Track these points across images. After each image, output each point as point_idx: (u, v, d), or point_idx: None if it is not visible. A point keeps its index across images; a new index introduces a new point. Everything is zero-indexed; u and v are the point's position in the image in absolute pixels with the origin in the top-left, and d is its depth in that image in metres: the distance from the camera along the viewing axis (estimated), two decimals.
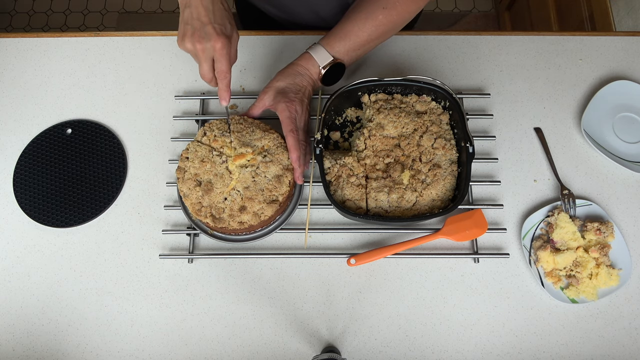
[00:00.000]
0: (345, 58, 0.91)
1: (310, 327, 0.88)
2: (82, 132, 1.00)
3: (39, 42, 1.09)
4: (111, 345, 0.87)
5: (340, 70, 0.92)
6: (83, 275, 0.91)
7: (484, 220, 0.89)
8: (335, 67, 0.91)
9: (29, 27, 2.42)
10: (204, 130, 0.89)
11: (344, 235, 0.93)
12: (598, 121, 1.00)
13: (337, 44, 0.90)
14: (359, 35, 0.89)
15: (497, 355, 0.86)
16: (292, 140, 0.85)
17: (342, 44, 0.90)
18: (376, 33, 0.90)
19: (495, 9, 2.40)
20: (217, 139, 0.87)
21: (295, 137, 0.85)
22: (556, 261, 0.88)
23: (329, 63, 0.88)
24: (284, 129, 0.86)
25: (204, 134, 0.89)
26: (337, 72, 0.93)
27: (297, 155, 0.85)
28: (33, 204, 0.95)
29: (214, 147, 0.88)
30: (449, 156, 0.91)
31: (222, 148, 0.87)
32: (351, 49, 0.90)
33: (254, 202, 0.84)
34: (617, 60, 1.06)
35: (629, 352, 0.86)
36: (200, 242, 0.93)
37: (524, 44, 1.07)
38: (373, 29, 0.89)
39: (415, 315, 0.88)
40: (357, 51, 0.91)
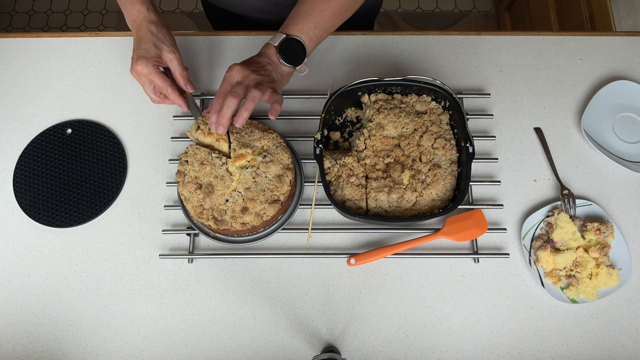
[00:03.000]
0: (303, 37, 0.88)
1: (310, 327, 0.88)
2: (82, 132, 1.00)
3: (39, 42, 1.09)
4: (111, 345, 0.87)
5: (297, 46, 0.88)
6: (83, 275, 0.91)
7: (484, 220, 0.89)
8: (291, 44, 0.88)
9: (29, 27, 2.42)
10: (197, 124, 0.89)
11: (344, 235, 0.93)
12: (598, 121, 1.00)
13: (292, 25, 0.89)
14: (312, 13, 0.88)
15: (497, 355, 0.86)
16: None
17: (296, 22, 0.89)
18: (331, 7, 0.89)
19: (495, 9, 2.40)
20: (212, 133, 0.87)
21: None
22: (556, 261, 0.88)
23: (281, 40, 0.87)
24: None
25: (197, 127, 0.88)
26: (296, 49, 0.88)
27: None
28: (33, 204, 0.95)
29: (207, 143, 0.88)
30: (449, 156, 0.91)
31: (217, 142, 0.88)
32: (307, 27, 0.88)
33: (255, 203, 0.84)
34: (617, 60, 1.06)
35: (629, 352, 0.86)
36: (200, 242, 0.93)
37: (524, 44, 1.07)
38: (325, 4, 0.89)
39: (415, 315, 0.88)
40: (315, 30, 0.89)
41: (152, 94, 0.89)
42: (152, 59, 0.84)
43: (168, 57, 0.86)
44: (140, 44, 0.86)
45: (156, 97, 0.90)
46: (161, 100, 0.90)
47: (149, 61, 0.84)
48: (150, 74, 0.84)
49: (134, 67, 0.86)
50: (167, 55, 0.86)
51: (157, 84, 0.86)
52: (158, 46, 0.86)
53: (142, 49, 0.85)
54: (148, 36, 0.86)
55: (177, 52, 0.87)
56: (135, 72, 0.86)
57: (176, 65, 0.87)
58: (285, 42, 0.88)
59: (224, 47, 1.08)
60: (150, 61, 0.84)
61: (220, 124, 0.82)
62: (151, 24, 0.87)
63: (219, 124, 0.82)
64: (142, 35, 0.87)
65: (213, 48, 1.07)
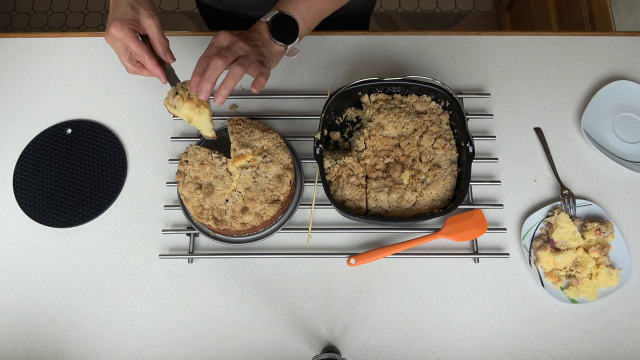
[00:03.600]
0: (296, 15, 0.84)
1: (310, 327, 0.88)
2: (82, 132, 1.00)
3: (39, 42, 1.09)
4: (111, 345, 0.87)
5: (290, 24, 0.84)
6: (83, 275, 0.91)
7: (484, 220, 0.89)
8: (282, 20, 0.84)
9: (29, 27, 2.42)
10: (176, 90, 0.80)
11: (344, 235, 0.93)
12: (598, 121, 1.00)
13: (285, 3, 0.85)
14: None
15: (497, 355, 0.86)
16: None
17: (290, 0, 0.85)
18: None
19: (495, 9, 2.40)
20: (191, 98, 0.79)
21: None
22: (556, 261, 0.88)
23: (273, 16, 0.83)
24: None
25: (175, 93, 0.80)
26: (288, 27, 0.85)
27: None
28: (33, 204, 0.95)
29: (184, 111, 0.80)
30: (449, 156, 0.91)
31: (197, 107, 0.79)
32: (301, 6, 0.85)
33: (255, 203, 0.84)
34: (617, 60, 1.06)
35: (629, 352, 0.86)
36: (200, 242, 0.93)
37: (524, 44, 1.07)
38: None
39: (415, 315, 0.88)
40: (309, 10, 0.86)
41: (127, 62, 0.80)
42: (129, 21, 0.76)
43: (146, 22, 0.78)
44: (117, 6, 0.78)
45: (132, 65, 0.80)
46: (137, 70, 0.81)
47: (125, 24, 0.75)
48: (125, 38, 0.75)
49: (108, 30, 0.76)
50: (145, 20, 0.78)
51: (133, 49, 0.76)
52: (135, 9, 0.77)
53: (118, 11, 0.77)
54: (127, 2, 0.78)
55: (157, 18, 0.79)
56: (109, 36, 0.77)
57: (155, 32, 0.78)
58: (278, 19, 0.83)
59: None
60: (125, 24, 0.75)
61: (203, 88, 0.75)
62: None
63: (201, 87, 0.75)
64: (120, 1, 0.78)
65: None
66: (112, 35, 0.76)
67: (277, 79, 1.04)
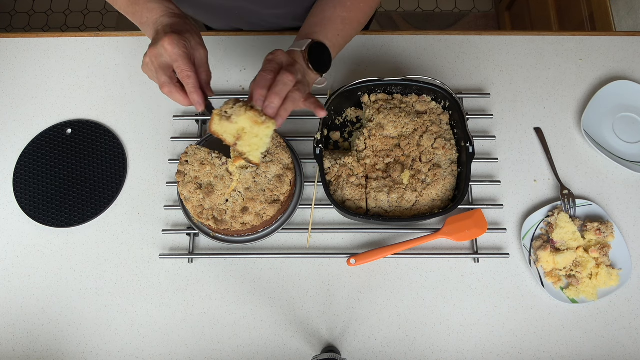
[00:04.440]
0: (328, 43, 0.82)
1: (310, 327, 0.88)
2: (82, 132, 1.00)
3: (39, 42, 1.09)
4: (111, 345, 0.87)
5: (322, 50, 0.82)
6: (83, 275, 0.91)
7: (484, 220, 0.89)
8: (317, 48, 0.81)
9: (29, 27, 2.42)
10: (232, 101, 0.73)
11: (344, 235, 0.93)
12: (598, 121, 1.00)
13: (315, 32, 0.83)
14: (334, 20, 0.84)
15: (497, 355, 0.86)
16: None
17: (320, 29, 0.83)
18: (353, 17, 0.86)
19: (495, 9, 2.40)
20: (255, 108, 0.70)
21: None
22: (556, 261, 0.88)
23: (308, 45, 0.79)
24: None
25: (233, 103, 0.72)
26: (322, 54, 0.82)
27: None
28: (33, 204, 0.95)
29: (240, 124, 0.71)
30: (449, 156, 0.91)
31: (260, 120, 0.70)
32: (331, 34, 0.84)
33: (255, 203, 0.84)
34: (617, 60, 1.06)
35: (629, 352, 0.86)
36: (200, 242, 0.93)
37: (524, 44, 1.07)
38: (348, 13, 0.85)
39: (415, 315, 0.88)
40: (338, 37, 0.85)
41: (165, 76, 0.71)
42: (184, 38, 0.70)
43: (200, 50, 0.73)
44: (172, 26, 0.72)
45: (169, 80, 0.72)
46: (173, 90, 0.72)
47: (182, 39, 0.69)
48: (177, 53, 0.69)
49: (160, 42, 0.69)
50: (196, 45, 0.72)
51: (181, 66, 0.69)
52: (191, 34, 0.72)
53: (171, 26, 0.71)
54: (182, 23, 0.73)
55: (206, 50, 0.74)
56: (158, 49, 0.69)
57: (204, 60, 0.73)
58: (313, 47, 0.79)
59: (222, 47, 1.08)
60: (182, 39, 0.69)
61: (273, 102, 0.69)
62: (182, 16, 0.75)
63: (271, 101, 0.69)
64: (173, 22, 0.73)
65: (212, 49, 1.07)
66: (164, 47, 0.69)
67: None
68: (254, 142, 0.72)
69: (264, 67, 0.73)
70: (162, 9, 0.75)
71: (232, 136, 0.72)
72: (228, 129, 0.71)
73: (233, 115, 0.70)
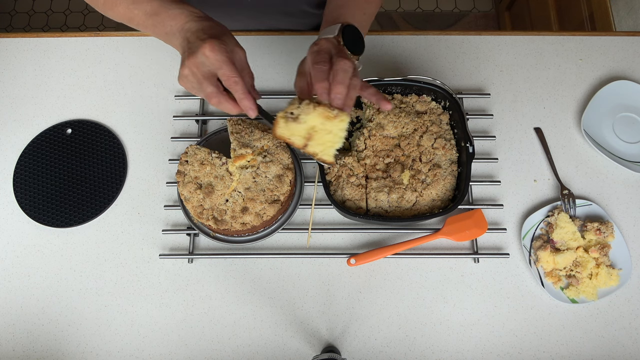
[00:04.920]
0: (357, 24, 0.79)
1: (310, 327, 0.88)
2: (82, 132, 1.00)
3: (39, 42, 1.09)
4: (111, 345, 0.87)
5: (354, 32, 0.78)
6: (83, 275, 0.91)
7: (484, 220, 0.89)
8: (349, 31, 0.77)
9: (29, 27, 2.42)
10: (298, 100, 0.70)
11: (344, 235, 0.93)
12: (598, 121, 1.00)
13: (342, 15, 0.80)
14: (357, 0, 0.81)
15: (497, 355, 0.86)
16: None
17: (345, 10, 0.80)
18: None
19: (495, 9, 2.40)
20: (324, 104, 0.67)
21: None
22: (556, 261, 0.88)
23: (340, 29, 0.75)
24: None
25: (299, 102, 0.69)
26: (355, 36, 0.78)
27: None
28: (33, 204, 0.95)
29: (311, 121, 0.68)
30: (449, 156, 0.91)
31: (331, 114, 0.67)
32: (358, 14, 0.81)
33: (255, 203, 0.84)
34: (617, 60, 1.06)
35: (629, 352, 0.86)
36: (200, 242, 0.93)
37: (524, 44, 1.07)
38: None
39: (415, 315, 0.88)
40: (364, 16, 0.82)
41: (212, 86, 0.68)
42: (224, 42, 0.66)
43: (238, 51, 0.68)
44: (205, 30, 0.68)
45: (217, 90, 0.68)
46: (222, 100, 0.69)
47: (222, 44, 0.65)
48: (220, 59, 0.65)
49: (200, 49, 0.65)
50: (235, 48, 0.68)
51: (226, 72, 0.66)
52: (227, 36, 0.68)
53: (209, 33, 0.67)
54: (214, 25, 0.69)
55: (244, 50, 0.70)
56: (198, 57, 0.65)
57: (245, 63, 0.69)
58: (346, 31, 0.75)
59: None
60: (223, 44, 0.65)
61: (339, 92, 0.65)
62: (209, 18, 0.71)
63: (337, 92, 0.65)
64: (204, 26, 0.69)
65: None
66: (205, 54, 0.65)
67: (277, 79, 1.04)
68: (328, 139, 0.69)
69: (314, 59, 0.69)
70: (186, 14, 0.71)
71: (302, 137, 0.68)
72: (296, 130, 0.68)
73: (301, 114, 0.67)
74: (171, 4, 0.73)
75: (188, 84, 0.69)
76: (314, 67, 0.68)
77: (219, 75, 0.67)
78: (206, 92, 0.68)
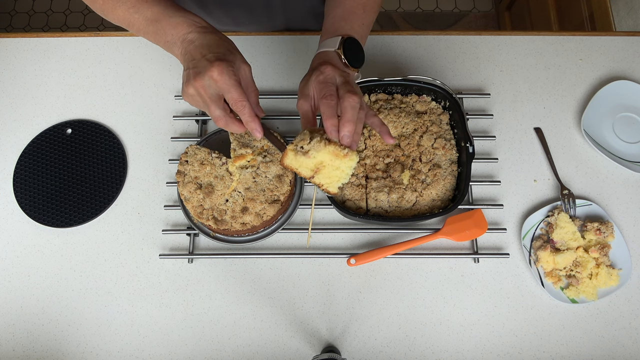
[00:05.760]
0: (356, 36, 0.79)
1: (310, 327, 0.88)
2: (82, 132, 1.00)
3: (39, 42, 1.09)
4: (111, 345, 0.87)
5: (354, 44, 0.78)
6: (83, 275, 0.91)
7: (484, 220, 0.89)
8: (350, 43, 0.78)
9: (29, 27, 2.42)
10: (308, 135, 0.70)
11: (344, 235, 0.93)
12: (598, 121, 1.00)
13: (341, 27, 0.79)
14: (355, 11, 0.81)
15: (497, 355, 0.86)
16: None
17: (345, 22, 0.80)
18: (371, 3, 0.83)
19: (495, 9, 2.40)
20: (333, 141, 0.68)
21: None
22: (556, 261, 0.88)
23: (340, 42, 0.76)
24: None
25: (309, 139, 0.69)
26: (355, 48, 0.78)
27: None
28: (33, 204, 0.94)
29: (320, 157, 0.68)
30: (449, 156, 0.91)
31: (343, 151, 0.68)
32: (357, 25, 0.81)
33: (255, 203, 0.84)
34: (617, 60, 1.06)
35: (629, 352, 0.86)
36: (200, 242, 0.93)
37: (524, 44, 1.07)
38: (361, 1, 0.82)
39: (415, 315, 0.88)
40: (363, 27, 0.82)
41: (219, 109, 0.68)
42: (231, 64, 0.66)
43: (243, 67, 0.69)
44: (211, 48, 0.68)
45: (224, 113, 0.68)
46: (229, 122, 0.69)
47: (229, 66, 0.65)
48: (227, 82, 0.65)
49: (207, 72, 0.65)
50: (241, 65, 0.68)
51: (234, 96, 0.66)
52: (233, 53, 0.69)
53: (215, 52, 0.67)
54: (219, 42, 0.69)
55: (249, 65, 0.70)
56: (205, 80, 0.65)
57: (250, 80, 0.70)
58: (346, 43, 0.76)
59: None
60: (230, 66, 0.66)
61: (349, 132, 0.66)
62: (212, 30, 0.71)
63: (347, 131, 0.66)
64: (209, 41, 0.68)
65: None
66: (213, 78, 0.65)
67: (276, 79, 1.04)
68: (335, 174, 0.70)
69: (321, 92, 0.69)
70: (188, 23, 0.70)
71: (310, 170, 0.70)
72: (304, 163, 0.69)
73: (311, 150, 0.68)
74: (173, 11, 0.72)
75: (193, 102, 0.69)
76: (322, 102, 0.68)
77: (227, 99, 0.67)
78: (214, 115, 0.68)
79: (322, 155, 0.68)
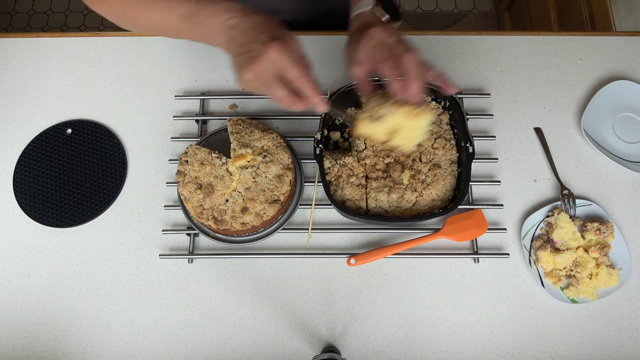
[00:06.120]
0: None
1: (310, 327, 0.88)
2: (82, 132, 1.00)
3: (39, 42, 1.09)
4: (111, 345, 0.87)
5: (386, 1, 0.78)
6: (83, 275, 0.91)
7: (484, 220, 0.89)
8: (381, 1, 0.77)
9: (29, 27, 2.42)
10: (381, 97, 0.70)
11: (344, 235, 0.93)
12: (598, 121, 1.00)
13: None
14: None
15: (497, 355, 0.86)
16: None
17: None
18: None
19: (495, 9, 2.40)
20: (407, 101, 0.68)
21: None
22: (556, 261, 0.88)
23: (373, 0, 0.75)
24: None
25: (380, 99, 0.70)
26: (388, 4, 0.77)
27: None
28: (33, 204, 0.94)
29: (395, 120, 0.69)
30: (449, 156, 0.91)
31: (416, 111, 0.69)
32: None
33: (255, 203, 0.84)
34: (617, 60, 1.06)
35: (629, 352, 0.86)
36: (200, 242, 0.93)
37: (524, 44, 1.07)
38: None
39: (415, 315, 0.88)
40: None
41: (282, 89, 0.65)
42: (285, 41, 0.64)
43: (295, 43, 0.66)
44: (259, 29, 0.65)
45: (289, 95, 0.66)
46: (294, 101, 0.66)
47: (283, 43, 0.63)
48: (289, 62, 0.63)
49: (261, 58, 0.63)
50: (293, 42, 0.66)
51: (295, 73, 0.64)
52: (282, 29, 0.66)
53: (265, 32, 0.64)
54: (264, 21, 0.66)
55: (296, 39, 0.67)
56: (260, 65, 0.63)
57: (302, 53, 0.67)
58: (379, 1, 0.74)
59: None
60: (284, 43, 0.63)
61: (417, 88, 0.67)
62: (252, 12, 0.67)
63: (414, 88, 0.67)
64: (254, 23, 0.65)
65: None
66: (271, 58, 0.63)
67: None
68: (410, 134, 0.71)
69: (379, 55, 0.69)
70: (224, 10, 0.68)
71: (385, 134, 0.71)
72: (380, 129, 0.70)
73: (385, 115, 0.69)
74: (206, 2, 0.69)
75: (253, 88, 0.67)
76: (384, 66, 0.69)
77: (289, 77, 0.65)
78: (278, 96, 0.66)
79: (397, 118, 0.69)
